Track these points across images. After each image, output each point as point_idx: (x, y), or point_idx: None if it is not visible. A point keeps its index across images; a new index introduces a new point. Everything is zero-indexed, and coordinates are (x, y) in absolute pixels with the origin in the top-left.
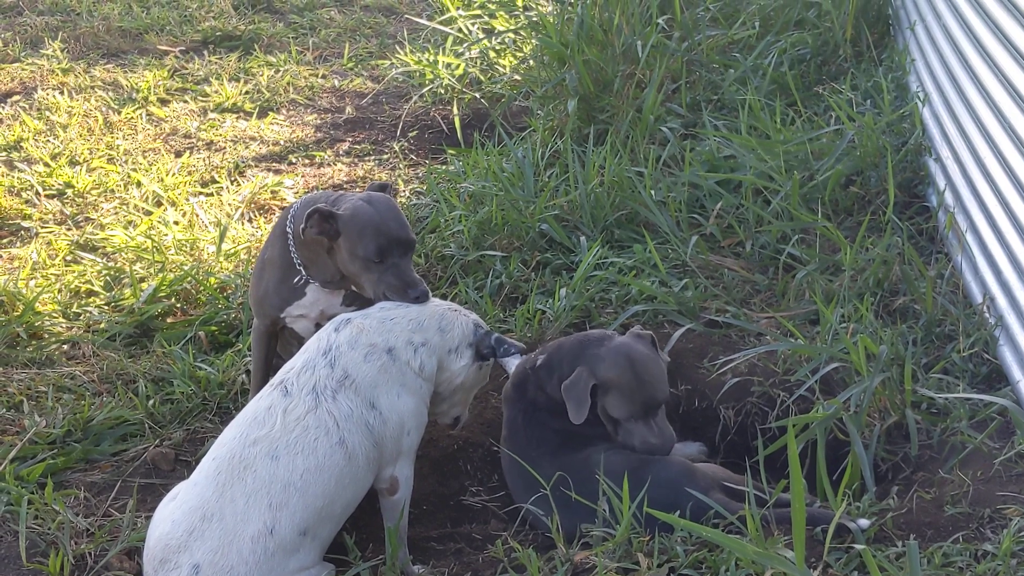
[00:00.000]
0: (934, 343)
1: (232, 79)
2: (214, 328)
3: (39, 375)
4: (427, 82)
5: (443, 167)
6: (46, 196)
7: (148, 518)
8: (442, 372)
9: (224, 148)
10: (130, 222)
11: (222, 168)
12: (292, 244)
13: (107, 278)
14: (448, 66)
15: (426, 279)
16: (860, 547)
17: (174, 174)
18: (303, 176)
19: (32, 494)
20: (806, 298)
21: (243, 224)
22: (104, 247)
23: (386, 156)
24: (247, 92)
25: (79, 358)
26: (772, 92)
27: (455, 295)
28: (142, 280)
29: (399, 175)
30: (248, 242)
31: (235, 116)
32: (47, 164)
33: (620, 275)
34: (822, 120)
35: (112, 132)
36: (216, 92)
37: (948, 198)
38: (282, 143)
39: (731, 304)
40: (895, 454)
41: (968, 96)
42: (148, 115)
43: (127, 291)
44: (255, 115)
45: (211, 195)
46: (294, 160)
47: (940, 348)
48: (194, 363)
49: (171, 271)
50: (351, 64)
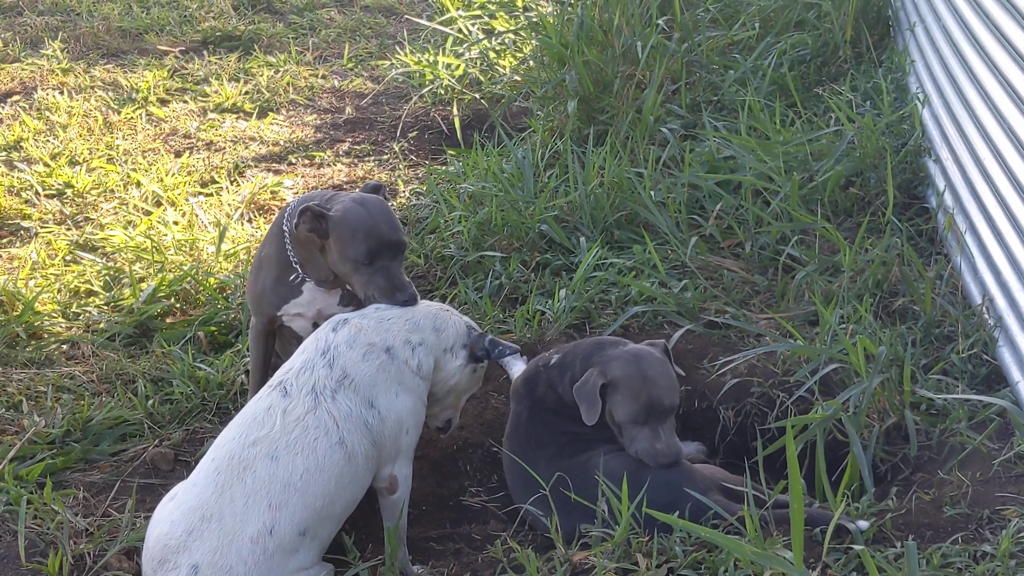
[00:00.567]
0: (933, 344)
1: (232, 79)
2: (213, 328)
3: (38, 375)
4: (427, 83)
5: (443, 168)
6: (46, 196)
7: (147, 518)
8: (438, 372)
9: (224, 148)
10: (130, 222)
11: (222, 168)
12: (288, 242)
13: (106, 278)
14: (448, 67)
15: (425, 279)
16: (859, 548)
17: (174, 174)
18: (303, 176)
19: (31, 494)
20: (805, 299)
21: (242, 224)
22: (104, 247)
23: (386, 157)
24: (247, 92)
25: (78, 358)
26: (772, 93)
27: (454, 296)
28: (141, 280)
29: (399, 176)
30: (247, 242)
31: (235, 116)
32: (47, 164)
33: (620, 276)
34: (822, 121)
35: (112, 132)
36: (216, 92)
37: (947, 199)
38: (282, 143)
39: (730, 305)
40: (894, 455)
41: (968, 97)
42: (148, 115)
43: (126, 291)
44: (255, 115)
45: (211, 195)
46: (294, 160)
47: (939, 349)
48: (193, 363)
49: (170, 271)
50: (351, 64)
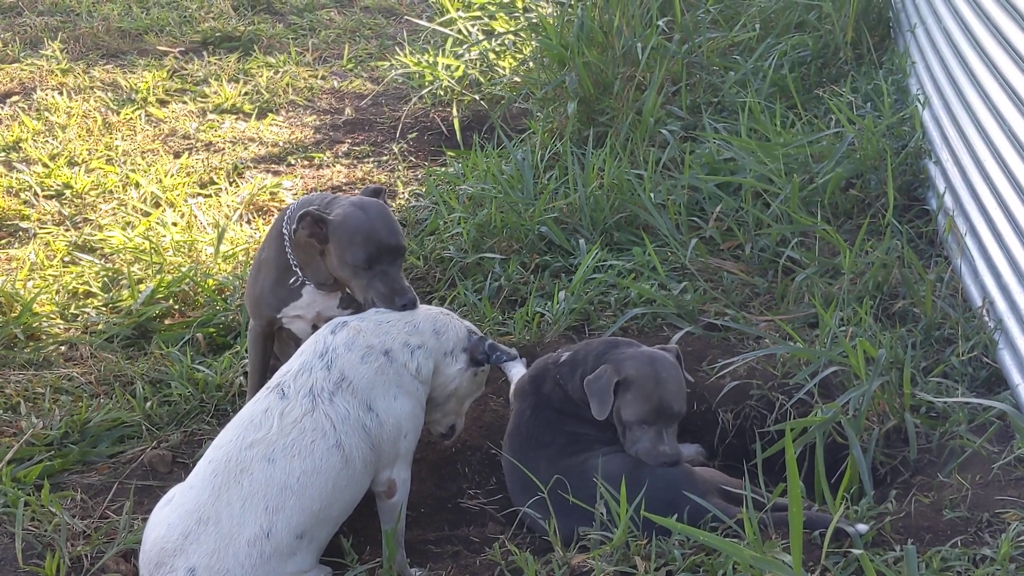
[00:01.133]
0: (933, 347)
1: (231, 80)
2: (212, 330)
3: (36, 376)
4: (427, 84)
5: (442, 169)
6: (44, 197)
7: (145, 520)
8: (437, 376)
9: (223, 149)
10: (128, 223)
11: (221, 169)
12: (288, 245)
13: (105, 279)
14: (448, 68)
15: (425, 281)
16: (858, 551)
17: (173, 175)
18: (302, 178)
19: (29, 496)
20: (805, 301)
21: (241, 225)
22: (102, 248)
23: (385, 158)
24: (246, 93)
25: (77, 359)
26: (772, 95)
27: (454, 297)
28: (140, 281)
29: (398, 177)
30: (246, 244)
31: (234, 117)
32: (46, 165)
33: (619, 278)
34: (822, 123)
35: (111, 133)
36: (215, 93)
37: (948, 201)
38: (281, 144)
39: (730, 307)
40: (894, 458)
41: (968, 99)
42: (147, 116)
43: (125, 292)
44: (254, 116)
45: (210, 196)
46: (293, 161)
47: (939, 352)
48: (192, 365)
49: (169, 272)
50: (351, 65)
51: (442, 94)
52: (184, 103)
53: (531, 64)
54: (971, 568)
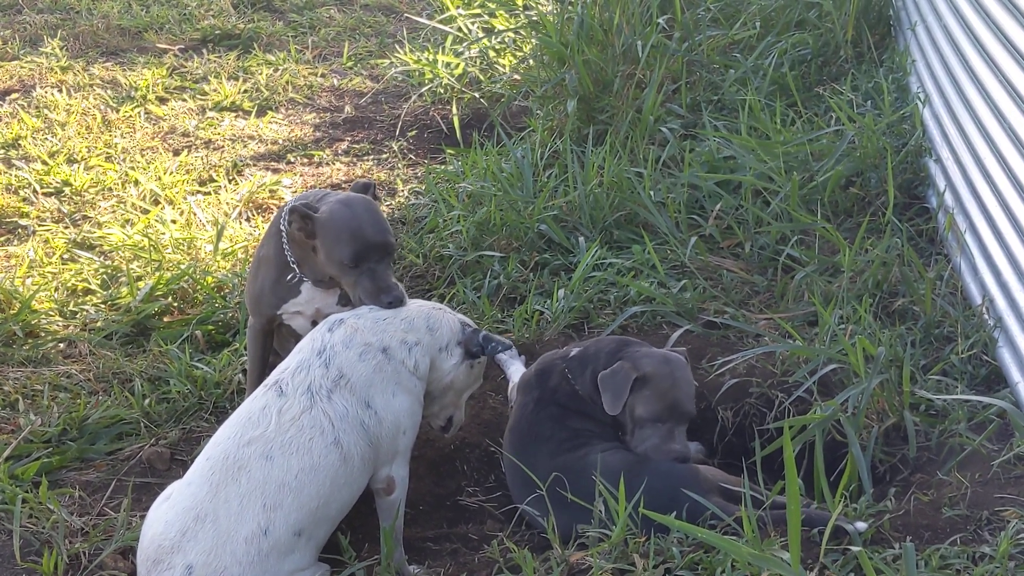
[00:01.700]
0: (933, 345)
1: (231, 78)
2: (211, 327)
3: (35, 373)
4: (426, 81)
5: (442, 167)
6: (44, 194)
7: (143, 517)
8: (434, 371)
9: (222, 147)
10: (127, 220)
11: (220, 167)
12: (286, 242)
13: (104, 276)
14: (447, 65)
15: (424, 279)
16: (857, 549)
17: (172, 172)
18: (301, 175)
19: (27, 493)
20: (805, 299)
21: (241, 223)
22: (101, 245)
23: (385, 156)
24: (246, 91)
25: (75, 357)
26: (772, 93)
27: (453, 295)
28: (139, 279)
29: (398, 175)
30: (245, 241)
31: (234, 115)
32: (45, 162)
33: (619, 276)
34: (822, 121)
35: (110, 130)
36: (215, 91)
37: (948, 199)
38: (281, 142)
39: (730, 305)
40: (893, 456)
41: (969, 97)
42: (146, 113)
43: (124, 290)
44: (254, 114)
45: (209, 194)
46: (292, 159)
47: (939, 350)
48: (190, 362)
49: (168, 270)
50: (350, 63)
51: (442, 92)
52: (184, 101)
53: (531, 62)
54: (970, 566)
